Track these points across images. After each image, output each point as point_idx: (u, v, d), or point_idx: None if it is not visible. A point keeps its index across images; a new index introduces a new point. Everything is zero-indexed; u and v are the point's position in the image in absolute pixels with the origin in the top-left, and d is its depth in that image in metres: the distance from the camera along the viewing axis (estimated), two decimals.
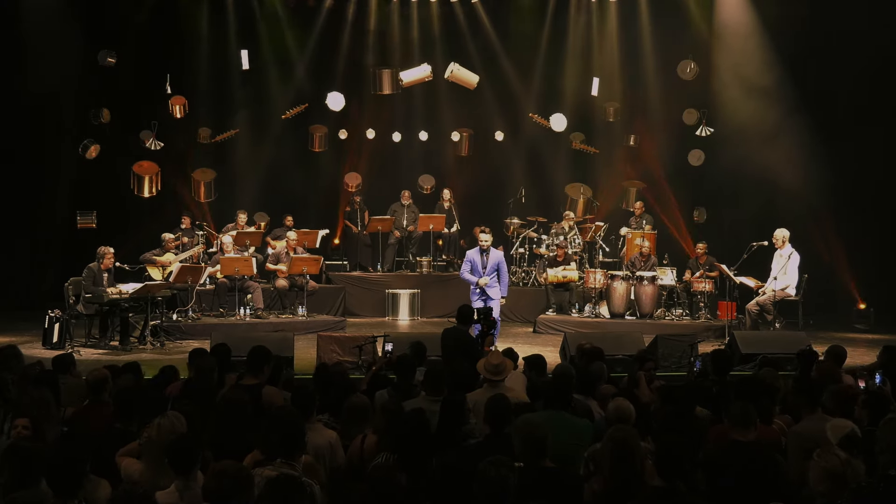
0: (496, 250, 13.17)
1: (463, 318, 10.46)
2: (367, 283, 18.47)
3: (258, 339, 11.74)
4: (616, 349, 12.05)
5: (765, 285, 14.70)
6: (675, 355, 12.26)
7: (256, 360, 8.26)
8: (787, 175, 17.39)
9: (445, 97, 19.87)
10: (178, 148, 18.82)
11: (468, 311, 10.54)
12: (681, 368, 12.07)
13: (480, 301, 12.79)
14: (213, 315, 15.82)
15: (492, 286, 12.89)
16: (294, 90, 19.42)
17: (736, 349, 12.30)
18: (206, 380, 8.02)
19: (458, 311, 10.58)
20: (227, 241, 15.94)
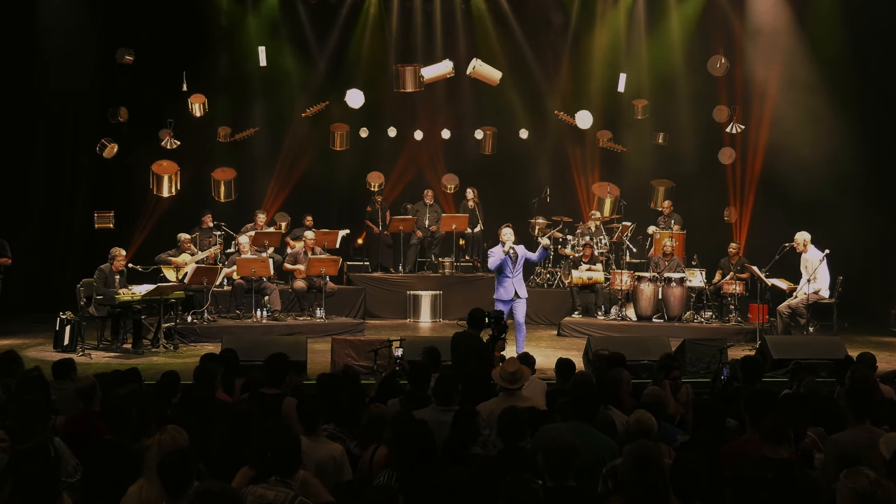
0: (518, 246, 12.78)
1: (474, 322, 10.03)
2: (389, 285, 18.08)
3: (270, 342, 11.43)
4: (641, 354, 11.62)
5: (797, 288, 14.15)
6: (704, 360, 11.78)
7: (275, 368, 7.87)
8: (823, 173, 16.83)
9: (468, 94, 19.45)
10: (198, 147, 18.47)
11: (479, 315, 10.08)
12: (709, 375, 11.59)
13: (504, 304, 12.38)
14: (229, 317, 15.47)
15: (521, 281, 12.60)
16: (315, 88, 19.03)
17: (767, 354, 11.82)
18: (207, 387, 7.63)
19: (469, 315, 10.14)
20: (243, 242, 15.59)
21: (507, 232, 12.73)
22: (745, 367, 8.55)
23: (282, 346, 11.17)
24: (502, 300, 12.51)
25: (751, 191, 18.41)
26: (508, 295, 12.48)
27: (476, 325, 9.98)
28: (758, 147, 18.22)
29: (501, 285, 12.55)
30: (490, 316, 10.02)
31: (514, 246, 12.61)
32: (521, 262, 12.65)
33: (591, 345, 11.69)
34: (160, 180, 17.58)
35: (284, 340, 11.64)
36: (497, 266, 12.53)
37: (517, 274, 12.56)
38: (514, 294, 12.48)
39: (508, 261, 12.45)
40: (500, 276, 12.57)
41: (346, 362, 11.52)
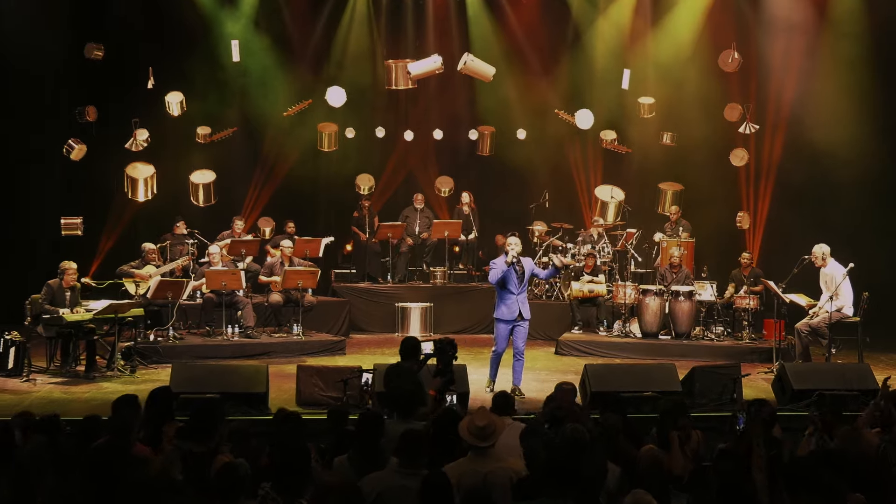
0: (525, 258, 11.38)
1: (406, 353, 8.62)
2: (376, 296, 16.76)
3: (226, 372, 10.13)
4: (645, 384, 10.27)
5: (818, 304, 12.75)
6: (715, 391, 10.41)
7: (202, 422, 6.49)
8: (846, 177, 15.47)
9: (462, 92, 18.09)
10: (173, 148, 17.11)
11: (412, 344, 8.65)
12: (722, 407, 10.24)
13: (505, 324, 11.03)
14: (199, 333, 14.15)
15: (525, 301, 11.23)
16: (298, 85, 17.65)
17: (787, 384, 10.45)
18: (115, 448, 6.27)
19: (402, 345, 8.71)
20: (213, 252, 14.26)
21: (513, 241, 11.19)
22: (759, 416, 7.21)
23: (239, 377, 9.92)
24: (504, 320, 11.17)
25: (766, 196, 16.99)
26: (511, 314, 11.12)
27: (409, 357, 8.57)
28: (774, 148, 16.81)
29: (504, 303, 11.15)
30: (436, 345, 8.50)
31: (522, 258, 11.19)
32: (528, 278, 11.27)
33: (590, 375, 10.26)
34: (135, 183, 16.24)
35: (243, 370, 10.27)
36: (499, 280, 11.09)
37: (523, 291, 11.16)
38: (518, 315, 11.10)
39: (514, 275, 11.03)
40: (502, 291, 11.17)
41: (312, 393, 10.18)
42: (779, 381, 10.66)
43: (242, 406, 9.64)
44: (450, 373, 8.25)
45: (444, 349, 8.30)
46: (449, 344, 8.34)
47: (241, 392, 9.74)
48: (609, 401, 7.84)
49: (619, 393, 9.92)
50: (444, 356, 8.27)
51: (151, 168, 16.21)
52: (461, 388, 10.04)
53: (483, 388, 11.35)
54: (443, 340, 8.36)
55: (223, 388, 9.68)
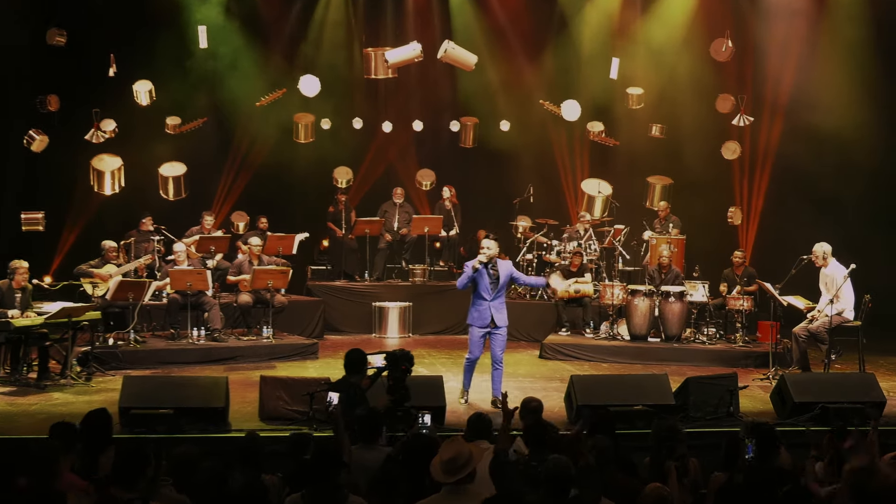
0: (504, 261, 10.52)
1: (351, 366, 7.78)
2: (352, 295, 15.94)
3: (182, 385, 9.27)
4: (636, 397, 9.48)
5: (816, 307, 11.98)
6: (711, 403, 9.61)
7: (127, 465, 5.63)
8: (847, 172, 14.71)
9: (443, 81, 17.26)
10: (141, 139, 16.22)
11: (356, 358, 7.79)
12: (718, 420, 9.47)
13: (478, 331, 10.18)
14: (164, 335, 13.31)
15: (502, 308, 10.27)
16: (272, 74, 16.76)
17: (787, 396, 9.67)
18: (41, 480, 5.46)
19: (346, 358, 7.86)
20: (178, 250, 13.40)
21: (486, 244, 10.18)
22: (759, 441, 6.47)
23: (196, 390, 9.09)
24: (476, 327, 10.27)
25: (760, 191, 16.25)
26: (482, 321, 10.20)
27: (354, 372, 7.73)
28: (770, 140, 16.05)
29: (475, 308, 10.23)
30: (389, 358, 7.63)
31: (498, 262, 10.29)
32: (505, 284, 10.34)
33: (576, 387, 9.45)
34: (101, 176, 15.39)
35: (200, 382, 9.42)
36: (467, 284, 10.21)
37: (497, 297, 10.21)
38: (491, 322, 10.19)
39: (486, 279, 10.11)
40: (474, 296, 10.26)
41: (276, 407, 9.36)
42: (778, 393, 9.88)
43: (199, 422, 8.82)
44: (403, 389, 7.47)
45: (397, 362, 7.50)
46: (402, 356, 7.54)
47: (198, 407, 8.90)
48: (597, 422, 6.96)
49: (608, 406, 9.13)
50: (396, 370, 7.47)
51: (119, 160, 15.38)
52: (437, 401, 9.23)
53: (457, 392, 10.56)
54: (395, 352, 7.57)
55: (178, 402, 8.85)
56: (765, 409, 10.12)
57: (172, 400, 8.87)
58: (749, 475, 5.92)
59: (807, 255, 11.96)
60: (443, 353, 13.81)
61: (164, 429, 8.62)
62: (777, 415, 9.80)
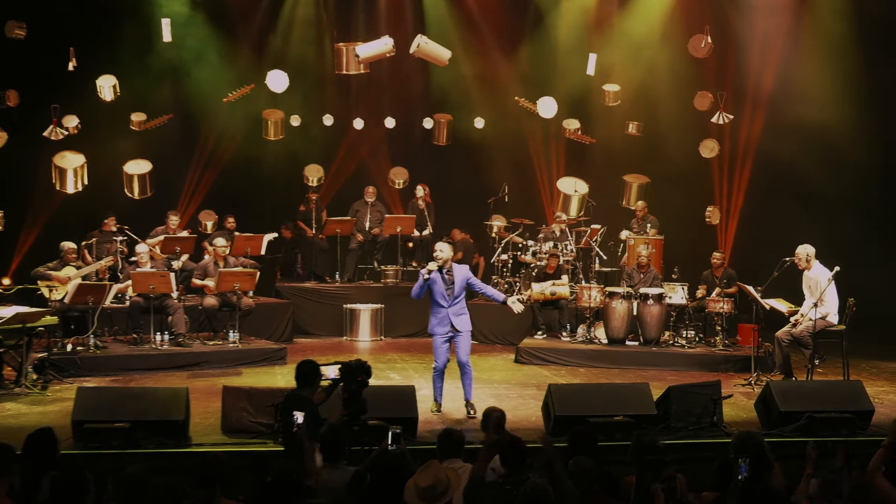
0: (460, 266, 10.02)
1: (304, 380, 7.24)
2: (323, 296, 15.47)
3: (140, 397, 8.77)
4: (616, 407, 9.03)
5: (800, 310, 11.60)
6: (693, 413, 9.19)
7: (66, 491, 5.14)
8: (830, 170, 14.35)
9: (416, 77, 16.80)
10: (108, 135, 15.67)
11: (308, 370, 7.24)
12: (701, 431, 9.07)
13: (441, 338, 9.74)
14: (126, 340, 12.78)
15: (461, 313, 9.80)
16: (239, 69, 16.22)
17: (773, 405, 9.27)
18: None
19: (297, 370, 7.31)
20: (141, 251, 12.86)
21: (439, 247, 9.74)
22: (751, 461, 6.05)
23: (154, 402, 8.60)
24: (437, 334, 9.82)
25: (740, 190, 15.88)
26: (443, 328, 9.75)
27: (306, 385, 7.25)
28: (751, 138, 15.69)
29: (434, 316, 9.79)
30: (344, 370, 7.08)
31: (454, 266, 9.80)
32: (462, 289, 9.82)
33: (554, 396, 9.01)
34: (63, 174, 14.86)
35: (158, 394, 8.90)
36: (419, 294, 9.74)
37: (456, 303, 9.73)
38: (451, 327, 9.74)
39: (440, 285, 9.62)
40: (431, 303, 9.81)
41: (240, 419, 8.87)
42: (763, 402, 9.48)
43: (157, 437, 8.31)
44: (359, 402, 7.00)
45: (352, 373, 7.02)
46: (358, 367, 7.05)
47: (157, 420, 8.40)
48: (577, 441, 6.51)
49: (587, 417, 8.71)
50: (352, 382, 7.00)
51: (82, 157, 14.91)
52: (409, 412, 8.77)
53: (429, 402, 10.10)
54: (350, 363, 7.08)
55: (135, 415, 8.35)
56: (749, 418, 9.72)
57: (129, 413, 8.37)
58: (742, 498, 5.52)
59: (789, 258, 11.57)
60: (415, 358, 13.35)
61: (120, 444, 8.11)
62: (762, 424, 9.40)
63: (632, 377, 12.12)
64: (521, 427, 9.21)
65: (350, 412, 6.94)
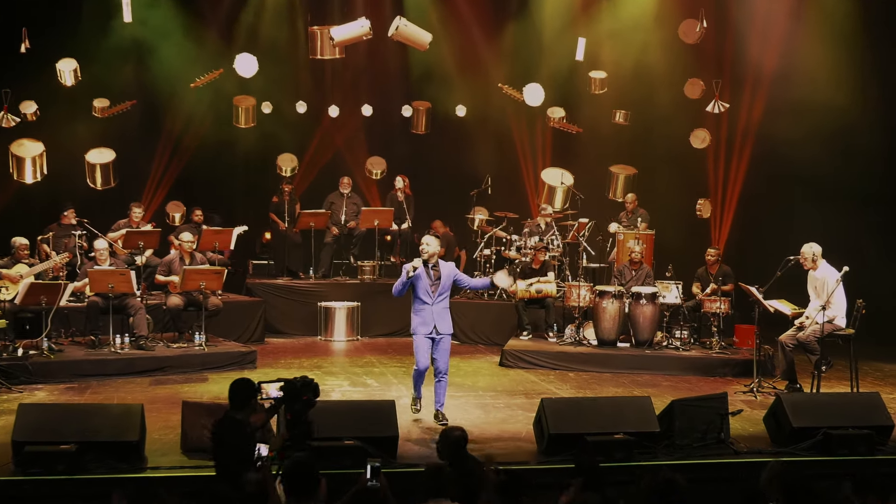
0: (446, 263, 9.23)
1: (237, 401, 6.34)
2: (296, 294, 14.56)
3: (90, 415, 7.82)
4: (615, 424, 8.15)
5: (805, 312, 10.78)
6: (698, 429, 8.34)
7: None
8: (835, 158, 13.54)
9: (395, 62, 15.86)
10: (68, 122, 14.67)
11: (242, 389, 6.33)
12: (706, 448, 8.23)
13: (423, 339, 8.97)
14: (84, 343, 11.82)
15: (445, 312, 9.11)
16: (207, 53, 15.18)
17: (784, 420, 8.44)
18: None
19: (230, 389, 6.41)
20: (100, 248, 11.89)
21: (426, 241, 9.11)
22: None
23: (105, 421, 7.67)
24: (419, 334, 9.07)
25: (736, 182, 14.99)
26: (426, 328, 9.03)
27: (240, 405, 6.33)
28: (749, 126, 14.78)
29: (417, 314, 9.08)
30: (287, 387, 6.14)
31: (440, 262, 9.12)
32: (448, 286, 9.11)
33: (547, 411, 8.12)
34: (21, 163, 13.88)
35: (110, 412, 7.92)
36: (401, 292, 9.05)
37: (440, 300, 9.03)
38: (433, 329, 9.00)
39: (425, 280, 8.96)
40: (414, 299, 9.09)
41: (201, 437, 7.93)
42: (773, 417, 8.65)
43: (108, 460, 7.38)
44: (304, 424, 6.12)
45: (297, 392, 6.11)
46: (304, 385, 6.15)
47: (108, 441, 7.46)
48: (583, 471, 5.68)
49: (585, 435, 7.86)
50: (296, 402, 6.10)
51: (41, 145, 13.90)
52: (388, 431, 7.88)
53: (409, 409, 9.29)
54: (295, 381, 6.16)
55: (83, 435, 7.40)
56: (757, 433, 8.87)
57: (76, 433, 7.42)
58: None
59: (794, 256, 10.74)
60: (394, 361, 12.47)
61: (65, 468, 7.17)
62: (772, 441, 8.59)
63: (625, 382, 11.34)
64: (511, 445, 8.38)
65: (294, 435, 6.05)
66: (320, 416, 7.81)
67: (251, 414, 6.27)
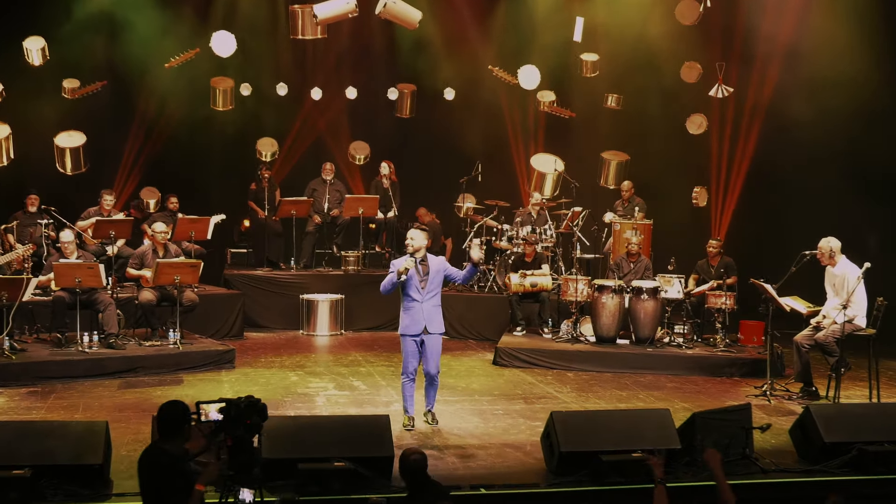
0: (435, 257, 8.33)
1: (166, 429, 5.27)
2: (276, 285, 13.59)
3: (47, 434, 6.79)
4: (631, 440, 7.23)
5: (821, 311, 9.92)
6: (721, 444, 7.44)
7: None
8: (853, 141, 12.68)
9: (380, 42, 14.86)
10: (35, 104, 13.62)
11: (173, 415, 5.23)
12: (732, 466, 7.34)
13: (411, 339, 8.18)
14: (49, 341, 10.80)
15: (436, 309, 8.25)
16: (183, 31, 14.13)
17: (814, 434, 7.56)
18: None
19: (158, 415, 5.35)
20: (66, 240, 10.84)
21: (412, 234, 8.22)
22: None
23: (65, 442, 6.69)
24: (408, 334, 8.22)
25: (740, 172, 14.10)
26: (416, 327, 8.18)
27: (170, 434, 5.26)
28: (758, 104, 13.81)
29: (406, 312, 8.23)
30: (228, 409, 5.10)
31: (429, 256, 8.26)
32: (439, 281, 8.25)
33: (557, 426, 7.19)
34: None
35: (70, 430, 6.90)
36: (389, 290, 8.19)
37: (430, 297, 8.19)
38: (423, 329, 8.16)
39: (415, 278, 8.11)
40: (403, 296, 8.23)
41: None
42: (801, 429, 7.77)
43: (68, 485, 6.40)
44: (249, 452, 5.15)
45: (239, 415, 5.12)
46: (249, 406, 5.15)
47: (67, 464, 6.47)
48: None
49: (600, 454, 6.97)
50: (239, 426, 5.11)
51: (7, 128, 12.90)
52: (382, 450, 6.92)
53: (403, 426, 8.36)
54: (238, 401, 5.15)
55: (38, 458, 6.41)
56: (780, 446, 7.99)
57: (31, 456, 6.43)
58: None
59: (809, 251, 9.86)
60: (381, 359, 11.53)
61: (18, 496, 6.21)
62: (799, 456, 7.71)
63: (627, 383, 10.47)
64: (516, 462, 7.47)
65: (236, 465, 5.08)
66: (306, 434, 6.95)
67: (184, 442, 5.26)
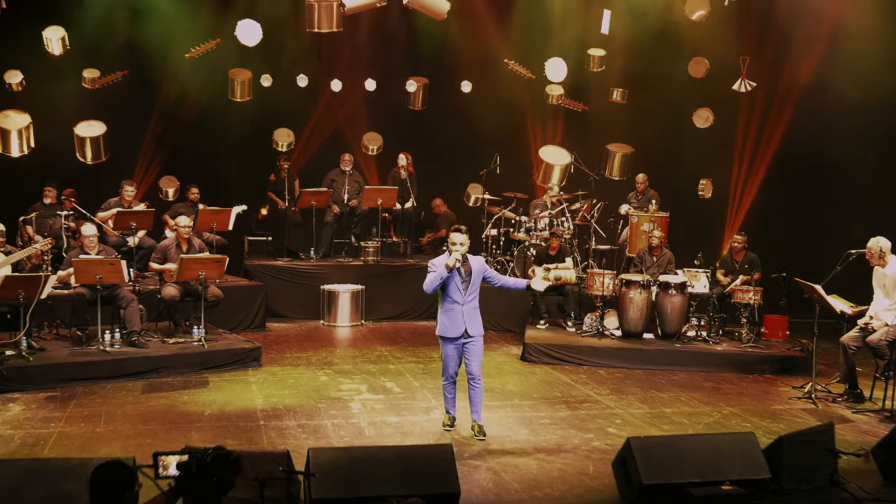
0: (475, 257, 6.78)
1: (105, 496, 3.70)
2: (297, 276, 11.94)
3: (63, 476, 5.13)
4: (718, 470, 5.69)
5: (868, 311, 8.42)
6: (807, 469, 5.94)
7: None
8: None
9: (400, 35, 13.20)
10: (57, 93, 11.89)
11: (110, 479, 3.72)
12: (821, 493, 5.82)
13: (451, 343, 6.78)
14: (69, 338, 9.13)
15: (475, 312, 6.85)
16: (203, 21, 12.41)
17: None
18: None
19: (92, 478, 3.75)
20: (88, 234, 9.14)
21: (457, 238, 6.72)
22: None
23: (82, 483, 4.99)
24: (447, 337, 6.79)
25: (761, 166, 12.55)
26: (456, 330, 6.77)
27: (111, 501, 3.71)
28: (784, 108, 12.30)
29: (446, 314, 6.80)
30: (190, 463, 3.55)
31: (469, 257, 6.81)
32: (478, 283, 6.83)
33: (631, 455, 5.63)
34: (6, 135, 11.20)
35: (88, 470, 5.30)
36: (434, 290, 6.75)
37: (470, 299, 6.78)
38: (464, 331, 6.74)
39: (456, 278, 6.70)
40: (444, 299, 6.79)
41: None
42: (886, 450, 6.28)
43: None
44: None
45: (203, 471, 3.54)
46: (216, 460, 3.57)
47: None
48: None
49: (686, 486, 5.44)
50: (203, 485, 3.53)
51: (27, 117, 11.22)
52: (447, 486, 5.34)
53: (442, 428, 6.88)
54: (203, 453, 3.58)
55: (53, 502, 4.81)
56: (859, 467, 6.49)
57: (44, 499, 4.82)
58: None
59: (856, 250, 8.35)
60: (408, 354, 9.95)
61: None
62: (884, 478, 6.21)
63: (663, 382, 8.95)
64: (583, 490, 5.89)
65: None
66: (358, 467, 5.35)
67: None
